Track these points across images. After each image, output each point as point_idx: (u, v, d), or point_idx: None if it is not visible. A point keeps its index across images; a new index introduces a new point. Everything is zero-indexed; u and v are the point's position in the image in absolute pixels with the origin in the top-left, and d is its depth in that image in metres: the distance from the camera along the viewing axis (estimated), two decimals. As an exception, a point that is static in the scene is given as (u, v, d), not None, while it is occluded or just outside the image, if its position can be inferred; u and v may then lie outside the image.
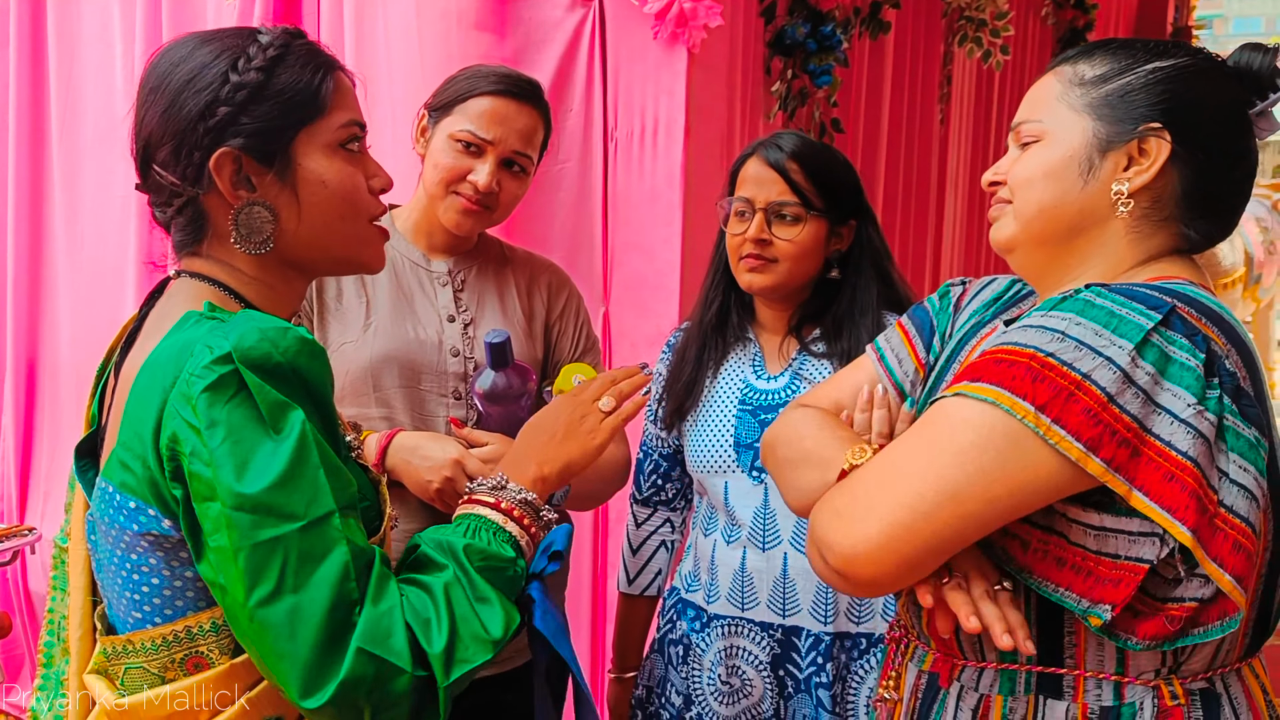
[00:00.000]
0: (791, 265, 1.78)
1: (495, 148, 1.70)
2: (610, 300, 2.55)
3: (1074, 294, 1.04)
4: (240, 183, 1.09)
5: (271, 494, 0.94)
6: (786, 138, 1.81)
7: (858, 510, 1.04)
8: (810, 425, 1.31)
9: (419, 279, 1.77)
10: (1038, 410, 0.97)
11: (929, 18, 3.95)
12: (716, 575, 1.82)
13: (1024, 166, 1.14)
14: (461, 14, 2.44)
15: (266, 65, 1.09)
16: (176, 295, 1.12)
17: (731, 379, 1.86)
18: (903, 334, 1.41)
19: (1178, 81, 1.10)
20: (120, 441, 1.03)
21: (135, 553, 1.03)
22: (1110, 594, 1.01)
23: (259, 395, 0.96)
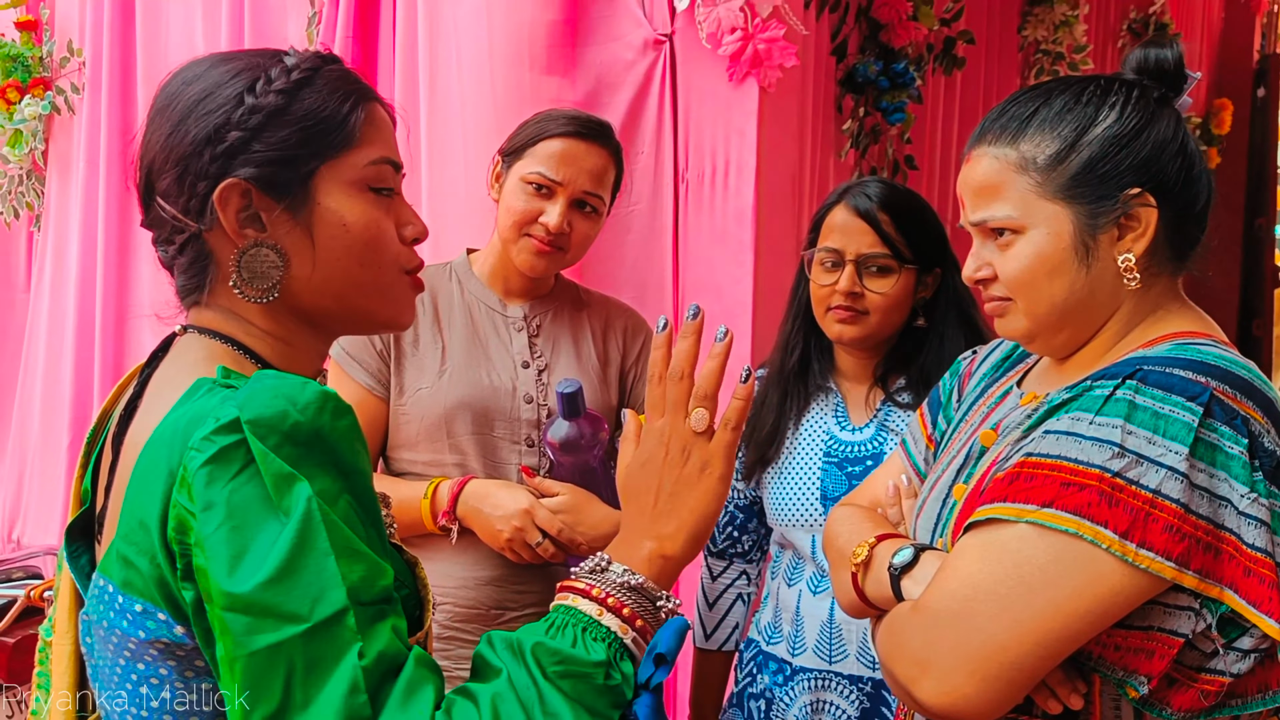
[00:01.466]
0: (882, 317, 1.75)
1: (565, 188, 1.70)
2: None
3: (1113, 391, 1.02)
4: (248, 220, 0.94)
5: (268, 591, 0.77)
6: (873, 185, 1.78)
7: (943, 662, 1.00)
8: (844, 524, 1.32)
9: (494, 324, 1.78)
10: (1122, 538, 0.95)
11: (1004, 51, 3.90)
12: (802, 627, 1.78)
13: (1017, 265, 1.12)
14: (534, 58, 2.46)
15: (289, 88, 0.95)
16: (184, 355, 0.97)
17: (814, 430, 1.83)
18: (919, 417, 1.43)
19: (1135, 138, 1.08)
20: (121, 533, 0.86)
21: (143, 662, 0.86)
22: (1146, 665, 0.99)
23: (264, 466, 0.79)
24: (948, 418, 1.36)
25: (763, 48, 2.37)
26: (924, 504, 1.26)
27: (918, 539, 1.23)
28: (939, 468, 1.28)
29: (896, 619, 1.10)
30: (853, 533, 1.28)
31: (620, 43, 2.48)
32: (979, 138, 1.15)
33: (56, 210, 3.76)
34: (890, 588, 1.14)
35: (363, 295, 1.00)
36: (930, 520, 1.23)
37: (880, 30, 3.11)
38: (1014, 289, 1.13)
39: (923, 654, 1.03)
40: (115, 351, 3.55)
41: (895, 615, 1.12)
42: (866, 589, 1.20)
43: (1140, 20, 4.77)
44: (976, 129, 1.17)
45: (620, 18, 2.48)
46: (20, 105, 3.65)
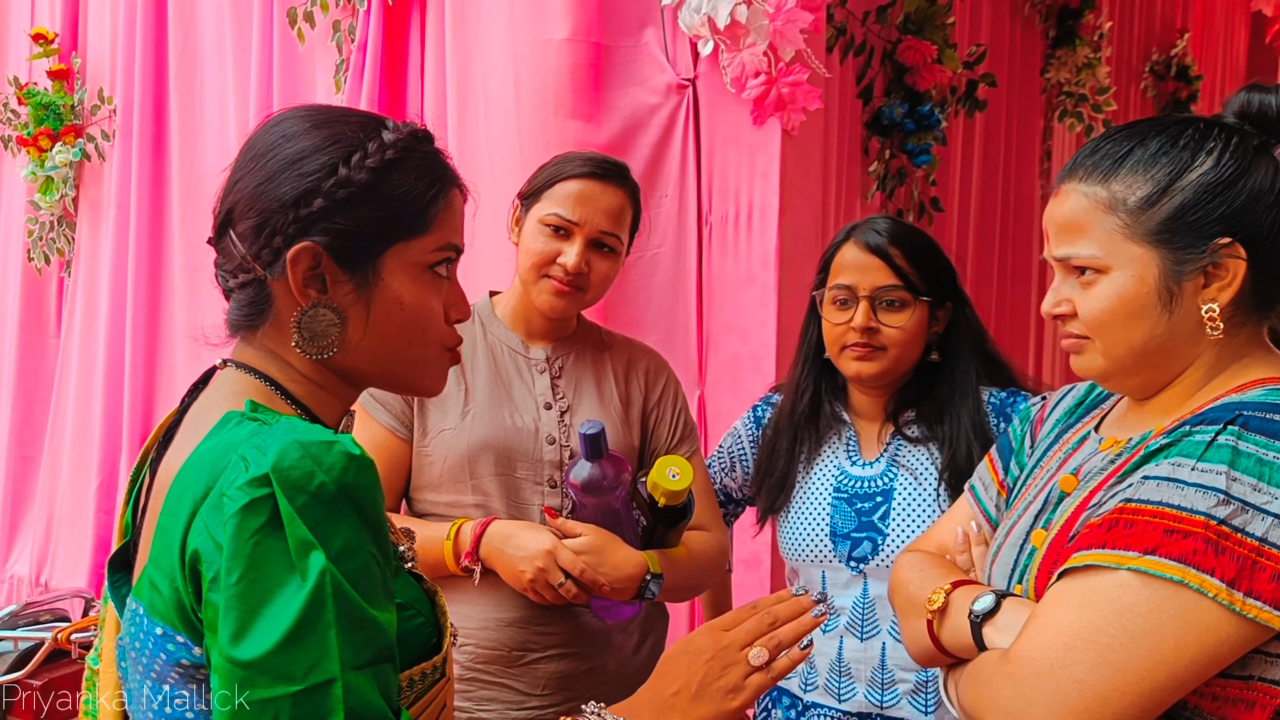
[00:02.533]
0: (900, 351, 1.74)
1: (583, 229, 1.71)
2: (706, 383, 2.54)
3: (1214, 436, 0.99)
4: (313, 281, 0.99)
5: (271, 657, 0.82)
6: (881, 221, 1.78)
7: (1040, 715, 0.98)
8: (913, 571, 1.30)
9: (517, 365, 1.78)
10: (1229, 586, 0.93)
11: (1026, 93, 3.91)
12: (814, 663, 1.78)
13: (1098, 305, 1.10)
14: (559, 103, 2.49)
15: (380, 166, 0.99)
16: (221, 389, 1.02)
17: (826, 467, 1.83)
18: (989, 463, 1.40)
19: (1230, 186, 1.06)
20: (150, 558, 0.91)
21: (168, 683, 0.90)
22: (1246, 716, 0.97)
23: (289, 528, 0.83)
24: (1020, 464, 1.34)
25: (786, 91, 2.39)
26: (1000, 550, 1.23)
27: (994, 586, 1.20)
28: (1014, 514, 1.25)
29: (984, 669, 1.08)
30: (924, 579, 1.26)
31: (644, 87, 2.50)
32: (1070, 172, 1.13)
33: (87, 256, 3.82)
34: (970, 635, 1.12)
35: (402, 365, 1.05)
36: (1007, 567, 1.20)
37: (905, 73, 3.13)
38: (1093, 328, 1.11)
39: (1016, 706, 1.00)
40: (145, 397, 3.59)
41: (982, 665, 1.09)
42: (943, 637, 1.17)
43: (1162, 62, 4.78)
44: (1069, 162, 1.15)
45: (644, 62, 2.51)
46: (52, 153, 3.73)
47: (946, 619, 1.17)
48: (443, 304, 1.05)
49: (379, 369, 1.04)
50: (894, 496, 1.75)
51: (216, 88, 3.41)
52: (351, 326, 1.01)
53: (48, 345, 4.00)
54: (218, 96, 3.41)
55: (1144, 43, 4.70)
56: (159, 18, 3.54)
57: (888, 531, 1.73)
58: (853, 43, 2.93)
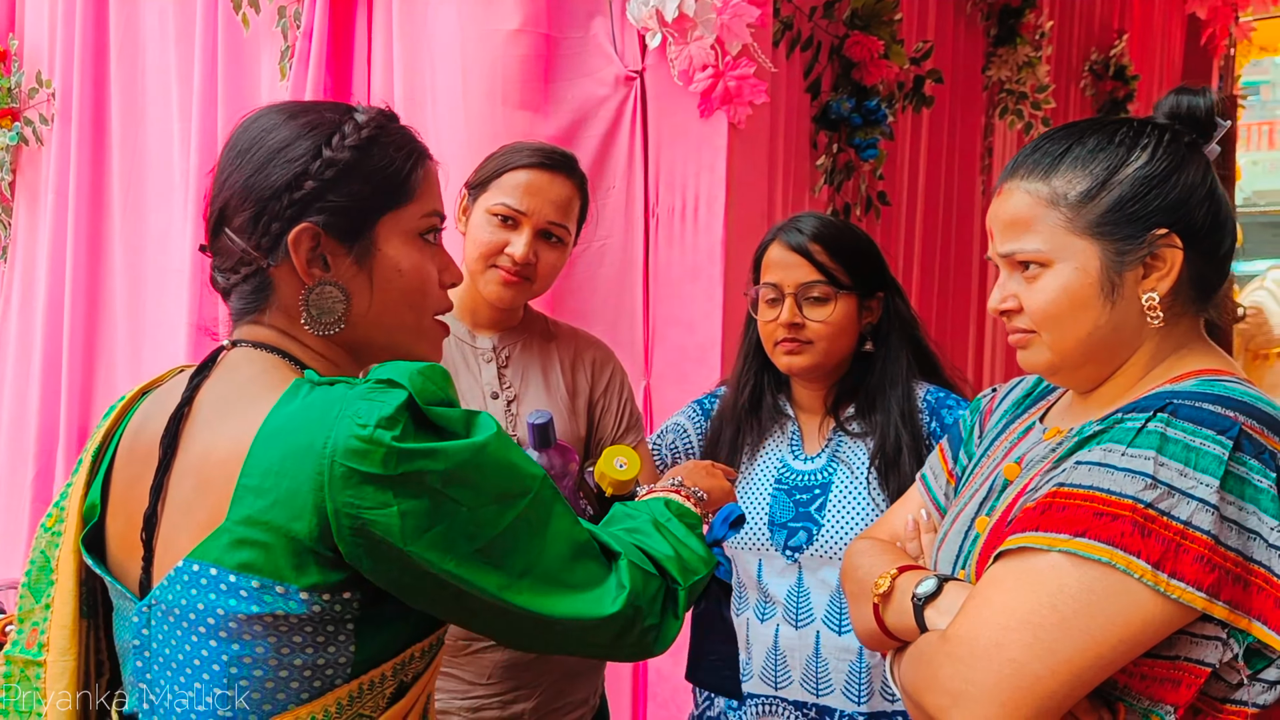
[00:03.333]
0: (827, 344, 1.79)
1: (531, 219, 1.72)
2: (651, 374, 2.55)
3: (1145, 423, 1.03)
4: (315, 260, 1.05)
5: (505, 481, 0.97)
6: (805, 219, 1.83)
7: (976, 693, 1.01)
8: (864, 557, 1.33)
9: (464, 355, 1.79)
10: (1154, 568, 0.96)
11: (968, 90, 3.97)
12: (751, 653, 1.81)
13: (1043, 299, 1.14)
14: (507, 94, 2.49)
15: (361, 144, 1.05)
16: (245, 366, 1.06)
17: (769, 459, 1.87)
18: (940, 453, 1.44)
19: (1164, 180, 1.11)
20: (237, 518, 0.94)
21: (240, 641, 0.95)
22: (1172, 695, 1.01)
23: (446, 422, 0.95)
24: (969, 453, 1.38)
25: (733, 85, 2.41)
26: (945, 537, 1.27)
27: (939, 571, 1.23)
28: (961, 501, 1.29)
29: (924, 650, 1.11)
30: (873, 565, 1.29)
31: (592, 79, 2.51)
32: (1012, 171, 1.17)
33: (24, 242, 3.74)
34: (913, 618, 1.15)
35: (406, 333, 1.12)
36: (952, 553, 1.24)
37: (853, 68, 3.16)
38: (1039, 322, 1.14)
39: (953, 685, 1.03)
40: (83, 386, 3.52)
41: (922, 646, 1.12)
42: (888, 620, 1.20)
43: (1101, 62, 4.87)
44: (1011, 162, 1.19)
45: (592, 54, 2.51)
46: (-11, 136, 3.64)
47: (891, 603, 1.20)
48: (435, 268, 1.12)
49: (386, 338, 1.11)
50: (831, 489, 1.79)
51: (159, 72, 3.35)
52: (356, 300, 1.07)
53: (-14, 333, 3.91)
54: (160, 81, 3.35)
55: (1083, 43, 4.78)
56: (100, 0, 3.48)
57: (823, 522, 1.76)
58: (799, 37, 2.96)
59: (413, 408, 0.93)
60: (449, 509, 0.94)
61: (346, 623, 0.97)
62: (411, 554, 0.93)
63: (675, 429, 1.98)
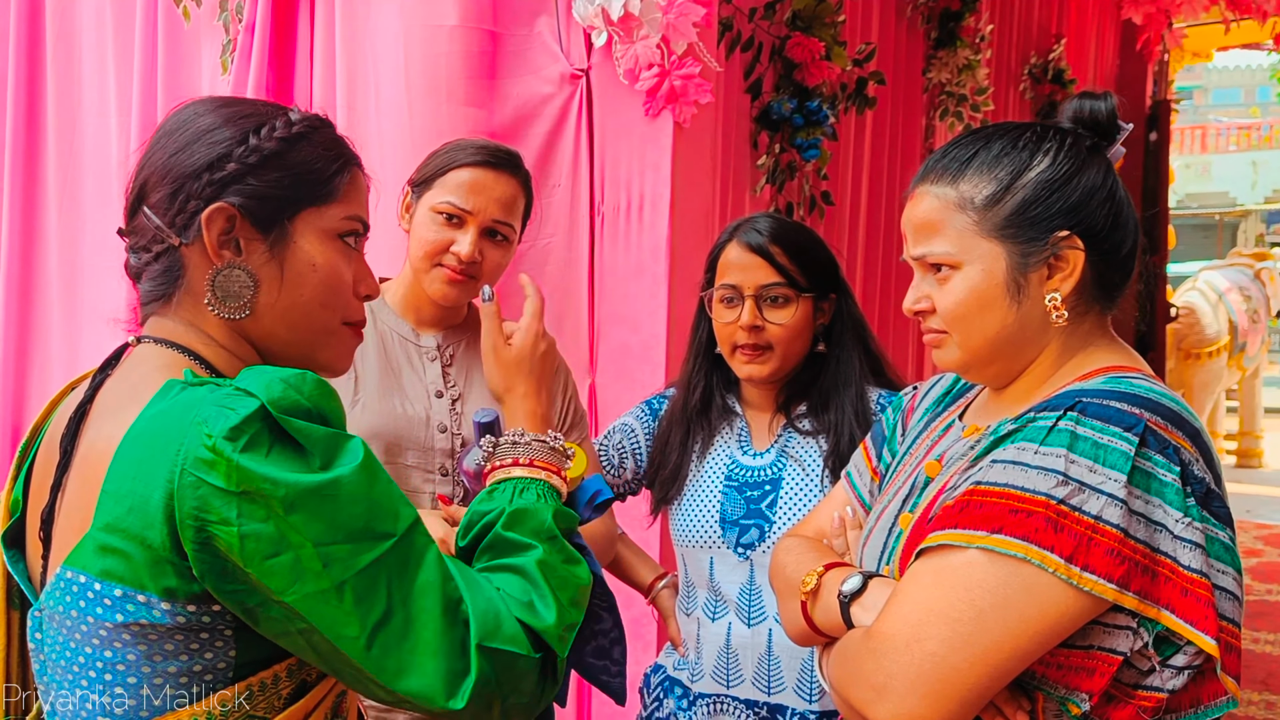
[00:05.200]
0: (786, 349, 1.79)
1: (476, 217, 1.72)
2: (596, 372, 2.55)
3: (1055, 422, 1.06)
4: (227, 243, 1.04)
5: (365, 525, 0.91)
6: (762, 220, 1.83)
7: (898, 687, 1.04)
8: (791, 554, 1.36)
9: (407, 353, 1.78)
10: (1067, 561, 0.99)
11: (910, 92, 4.03)
12: (702, 652, 1.81)
13: (952, 299, 1.17)
14: (451, 90, 2.47)
15: (288, 138, 1.06)
16: (142, 364, 1.03)
17: (718, 457, 1.87)
18: (864, 450, 1.47)
19: (1065, 183, 1.15)
20: (100, 524, 0.92)
21: (110, 649, 0.93)
22: (1086, 683, 1.04)
23: (305, 438, 0.91)
24: (892, 451, 1.41)
25: (678, 84, 2.41)
26: (870, 534, 1.30)
27: (864, 568, 1.26)
28: (884, 498, 1.32)
29: (849, 645, 1.13)
30: (800, 563, 1.31)
31: (537, 76, 2.50)
32: (922, 177, 1.21)
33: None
34: (840, 615, 1.18)
35: (312, 332, 1.10)
36: (876, 549, 1.26)
37: (794, 69, 3.19)
38: (949, 322, 1.18)
39: (877, 679, 1.05)
40: (17, 382, 3.45)
41: (847, 642, 1.15)
42: (815, 617, 1.23)
43: (1040, 66, 4.97)
44: (921, 168, 1.23)
45: (537, 52, 2.50)
46: (-81, 128, 3.55)
47: (819, 600, 1.23)
48: (352, 276, 1.11)
49: (292, 334, 1.09)
50: (782, 485, 1.79)
51: (97, 64, 3.29)
52: (265, 289, 1.06)
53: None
54: (98, 73, 3.29)
55: (1022, 46, 4.87)
56: (34, -10, 3.41)
57: (774, 519, 1.77)
58: (740, 38, 2.98)
59: (266, 419, 0.90)
60: (295, 540, 0.89)
61: (222, 630, 0.94)
62: (254, 576, 0.89)
63: (623, 429, 1.98)
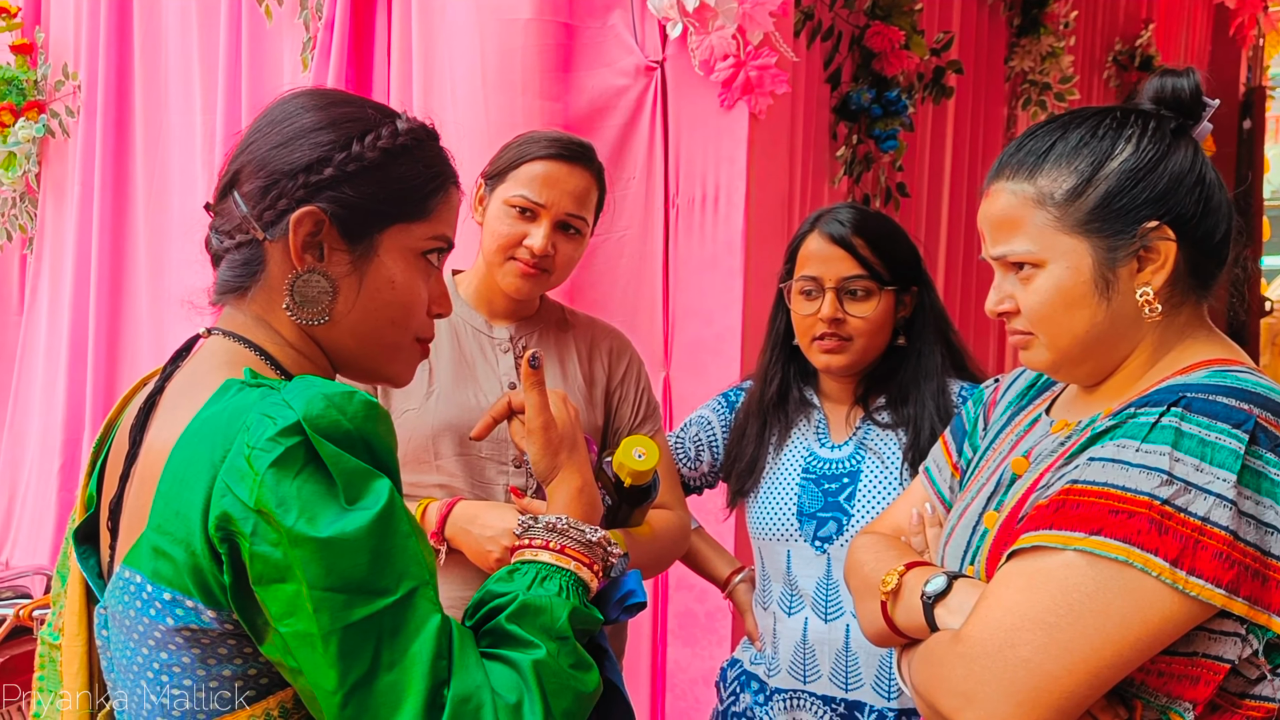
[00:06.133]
0: (867, 341, 1.76)
1: (549, 211, 1.71)
2: (671, 365, 2.55)
3: (1158, 418, 1.02)
4: (312, 247, 1.02)
5: (365, 577, 0.86)
6: (844, 210, 1.79)
7: (989, 694, 1.00)
8: (868, 553, 1.32)
9: (480, 345, 1.79)
10: (1172, 565, 0.95)
11: (991, 81, 3.94)
12: (778, 647, 1.79)
13: (1037, 299, 1.12)
14: (525, 83, 2.48)
15: (391, 149, 1.03)
16: (209, 359, 1.02)
17: (795, 449, 1.85)
18: (943, 445, 1.42)
19: (1151, 170, 1.09)
20: (153, 525, 0.90)
21: (166, 651, 0.91)
22: (1190, 691, 1.00)
23: (334, 465, 0.87)
24: (974, 446, 1.36)
25: (754, 75, 2.40)
26: (952, 532, 1.25)
27: (946, 567, 1.21)
28: (967, 495, 1.27)
29: (935, 650, 1.09)
30: (878, 561, 1.27)
31: (612, 69, 2.50)
32: (997, 172, 1.16)
33: (51, 233, 3.77)
34: (923, 617, 1.14)
35: (380, 347, 1.08)
36: (959, 548, 1.22)
37: (873, 59, 3.15)
38: (1035, 323, 1.13)
39: (966, 686, 1.02)
40: (108, 375, 3.55)
41: (933, 646, 1.11)
42: (896, 618, 1.19)
43: (1126, 52, 4.83)
44: (995, 163, 1.17)
45: (612, 44, 2.50)
46: (14, 128, 3.67)
47: (900, 600, 1.19)
48: (427, 294, 1.09)
49: (359, 348, 1.07)
50: (860, 478, 1.77)
51: (181, 64, 3.37)
52: (342, 298, 1.04)
53: (10, 322, 3.95)
54: (183, 73, 3.37)
55: (1108, 32, 4.74)
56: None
57: (853, 512, 1.74)
58: (820, 27, 2.95)
59: (303, 437, 0.87)
60: (296, 574, 0.85)
61: None
62: (258, 596, 0.86)
63: (699, 422, 1.97)
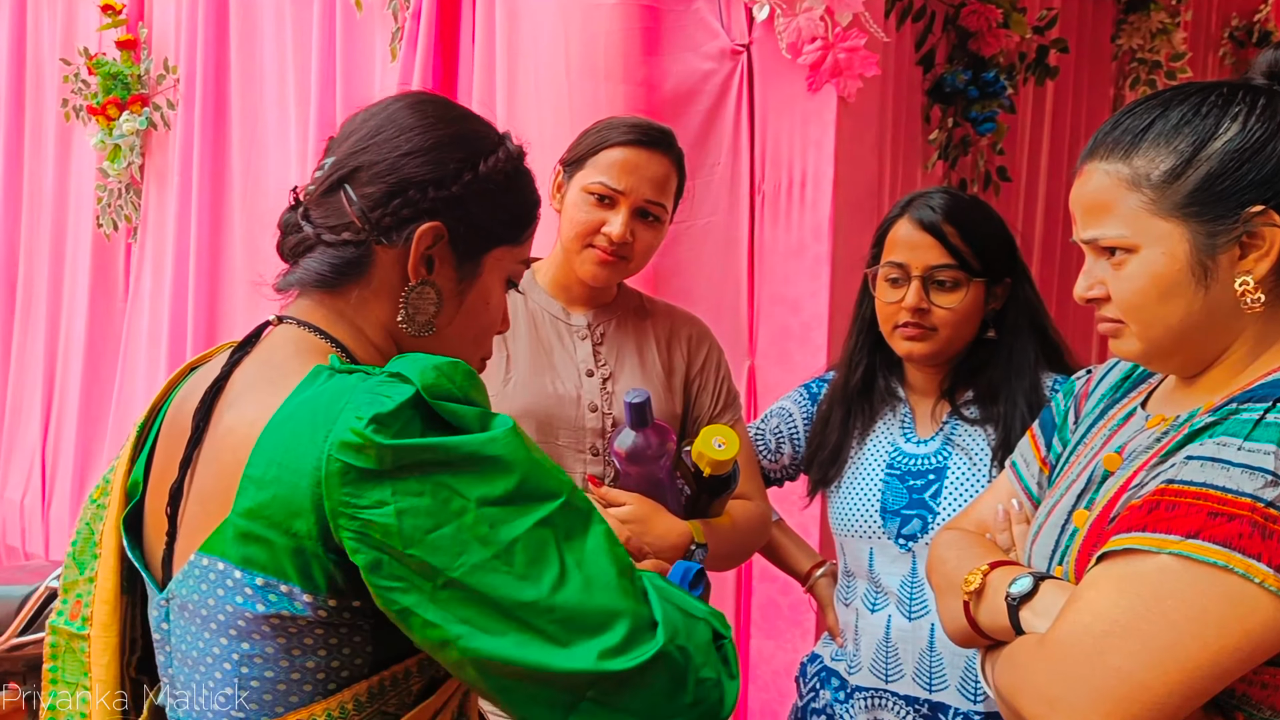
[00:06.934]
0: (952, 332, 1.69)
1: (628, 198, 1.69)
2: (756, 354, 2.51)
3: (1263, 415, 0.95)
4: (425, 259, 1.02)
5: (522, 487, 0.87)
6: (937, 196, 1.72)
7: (1076, 701, 0.94)
8: (952, 549, 1.27)
9: (558, 332, 1.77)
10: (1277, 571, 0.89)
11: (1097, 60, 3.79)
12: (860, 644, 1.75)
13: (1129, 286, 1.05)
14: (609, 68, 2.47)
15: (511, 173, 1.06)
16: (286, 346, 1.01)
17: (879, 442, 1.79)
18: (1031, 438, 1.35)
19: (1258, 151, 1.00)
20: (240, 509, 0.89)
21: (249, 639, 0.90)
22: None
23: (456, 417, 0.87)
24: (1063, 440, 1.29)
25: (843, 57, 2.34)
26: (1040, 530, 1.19)
27: (1033, 566, 1.16)
28: (1056, 492, 1.21)
29: (1020, 653, 1.05)
30: (961, 559, 1.23)
31: (697, 53, 2.47)
32: (1091, 151, 1.09)
33: (153, 223, 3.89)
34: (1008, 618, 1.09)
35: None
36: (1047, 548, 1.16)
37: (969, 39, 3.05)
38: (1126, 311, 1.06)
39: (1052, 691, 0.97)
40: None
41: (1018, 649, 1.06)
42: (980, 619, 1.14)
43: (1243, 28, 4.59)
44: (1090, 141, 1.11)
45: (697, 28, 2.47)
46: (119, 121, 3.79)
47: (983, 600, 1.14)
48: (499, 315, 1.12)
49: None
50: (947, 475, 1.71)
51: (276, 56, 3.43)
52: (443, 313, 1.05)
53: (115, 310, 4.08)
54: (277, 64, 3.43)
55: (1223, 7, 4.52)
56: (222, -13, 3.59)
57: (939, 510, 1.69)
58: (911, 7, 2.86)
59: (420, 405, 0.87)
60: (456, 506, 0.85)
61: (361, 625, 0.91)
62: (416, 557, 0.85)
63: (780, 413, 1.93)
